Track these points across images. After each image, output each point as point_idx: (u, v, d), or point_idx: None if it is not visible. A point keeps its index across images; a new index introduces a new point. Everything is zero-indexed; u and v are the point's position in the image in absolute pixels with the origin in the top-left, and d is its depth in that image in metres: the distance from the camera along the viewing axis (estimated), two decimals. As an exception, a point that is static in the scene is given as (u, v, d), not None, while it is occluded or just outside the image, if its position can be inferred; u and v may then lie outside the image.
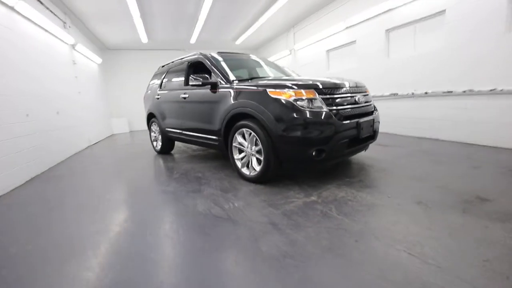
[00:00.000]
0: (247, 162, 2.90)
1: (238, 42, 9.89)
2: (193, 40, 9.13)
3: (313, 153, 2.41)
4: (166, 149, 4.89)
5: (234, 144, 2.98)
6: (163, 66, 5.00)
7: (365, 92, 2.95)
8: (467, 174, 2.70)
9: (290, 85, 2.51)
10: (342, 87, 2.65)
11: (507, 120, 3.46)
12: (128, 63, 10.23)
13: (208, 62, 3.45)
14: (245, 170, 2.92)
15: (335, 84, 2.63)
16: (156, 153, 5.09)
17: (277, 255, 1.51)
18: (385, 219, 1.87)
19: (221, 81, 3.16)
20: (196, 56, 3.80)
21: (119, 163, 4.40)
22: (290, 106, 2.42)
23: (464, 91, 3.90)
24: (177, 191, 2.74)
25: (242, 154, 2.94)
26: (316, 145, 2.39)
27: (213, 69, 3.31)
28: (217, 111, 3.13)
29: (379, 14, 5.20)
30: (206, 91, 3.31)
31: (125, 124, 10.37)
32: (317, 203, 2.21)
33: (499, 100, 3.53)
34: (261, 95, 2.61)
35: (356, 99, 2.71)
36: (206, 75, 3.21)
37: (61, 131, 5.01)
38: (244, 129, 2.79)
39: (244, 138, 2.87)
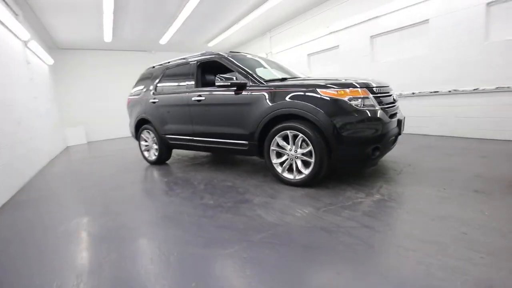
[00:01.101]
0: (288, 166, 2.76)
1: (211, 44, 9.58)
2: (164, 40, 8.50)
3: (370, 152, 2.41)
4: (163, 159, 4.38)
5: (272, 147, 2.81)
6: (154, 67, 4.51)
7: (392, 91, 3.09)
8: (484, 163, 3.03)
9: (342, 84, 2.48)
10: (384, 87, 2.73)
11: (489, 115, 4.02)
12: (85, 64, 8.99)
13: (230, 63, 3.20)
14: (287, 175, 2.77)
15: (379, 83, 2.69)
16: (148, 164, 4.52)
17: (413, 259, 1.43)
18: (466, 209, 1.94)
19: (251, 82, 2.96)
20: (209, 56, 3.51)
21: (110, 179, 3.76)
22: (346, 106, 2.38)
23: (450, 91, 4.42)
24: (222, 203, 2.45)
25: (283, 158, 2.78)
26: (373, 143, 2.40)
27: (239, 70, 3.08)
28: (249, 113, 2.91)
29: (364, 21, 5.59)
30: (230, 93, 3.08)
31: (82, 134, 9.07)
32: (386, 201, 2.20)
33: (481, 98, 4.09)
34: (311, 94, 2.51)
35: (394, 98, 2.82)
36: (233, 76, 2.98)
37: (23, 145, 4.09)
38: (288, 131, 2.65)
39: (286, 141, 2.73)
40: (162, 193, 2.92)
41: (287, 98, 2.66)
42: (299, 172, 2.69)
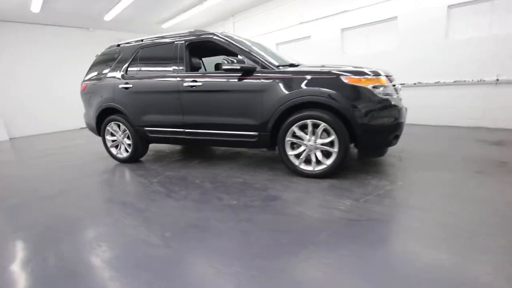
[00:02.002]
0: (305, 157, 2.63)
1: (165, 26, 8.61)
2: (109, 16, 7.23)
3: (392, 139, 2.46)
4: (138, 155, 3.73)
5: (287, 138, 2.63)
6: (119, 46, 3.75)
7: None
8: (460, 146, 3.45)
9: (363, 71, 2.43)
10: (392, 75, 2.80)
11: (448, 104, 4.63)
12: (3, 40, 7.02)
13: (233, 44, 2.84)
14: (304, 167, 2.64)
15: (386, 72, 2.73)
16: (117, 162, 3.80)
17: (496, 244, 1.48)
18: (483, 189, 2.14)
19: (261, 67, 2.69)
20: (202, 36, 3.05)
21: (75, 184, 3.01)
22: (371, 94, 2.35)
23: (415, 83, 4.92)
24: (249, 203, 2.17)
25: (301, 149, 2.63)
26: (395, 131, 2.45)
27: (246, 53, 2.75)
28: (261, 102, 2.65)
29: (335, 14, 5.74)
30: (233, 78, 2.75)
31: (1, 128, 7.18)
32: (412, 187, 2.30)
33: (442, 90, 4.67)
34: (335, 82, 2.40)
35: (399, 87, 2.93)
36: (242, 59, 2.66)
37: None
38: (308, 121, 2.50)
39: (303, 131, 2.58)
40: (164, 197, 2.45)
41: (303, 85, 2.49)
42: (318, 163, 2.59)
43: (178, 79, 3.07)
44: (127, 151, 3.72)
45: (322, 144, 2.52)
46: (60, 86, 7.96)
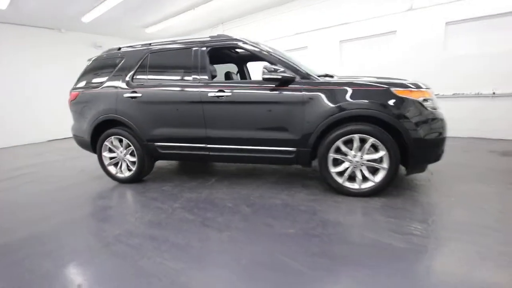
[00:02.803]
0: (348, 174, 2.45)
1: (149, 31, 8.09)
2: (88, 18, 6.56)
3: (441, 153, 2.39)
4: (143, 174, 3.26)
5: (330, 154, 2.43)
6: (119, 49, 3.30)
7: None
8: (476, 158, 3.54)
9: (408, 84, 2.35)
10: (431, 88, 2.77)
11: (448, 116, 4.80)
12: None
13: (265, 51, 2.62)
14: (349, 184, 2.45)
15: (427, 85, 2.69)
16: (116, 183, 3.29)
17: None
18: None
19: (299, 77, 2.48)
20: (226, 42, 2.79)
21: (69, 211, 2.50)
22: (421, 107, 2.27)
23: (415, 95, 5.07)
24: (307, 231, 1.91)
25: (344, 166, 2.44)
26: (443, 144, 2.39)
27: (282, 62, 2.54)
28: (302, 114, 2.43)
29: (334, 26, 5.79)
30: (266, 90, 2.53)
31: None
32: (465, 202, 2.22)
33: (441, 103, 4.78)
34: (385, 94, 2.27)
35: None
36: (281, 68, 2.42)
37: None
38: (356, 135, 2.33)
39: (346, 146, 2.40)
40: (199, 226, 2.08)
41: (349, 98, 2.33)
42: (364, 180, 2.42)
43: (201, 88, 2.73)
44: (129, 169, 3.23)
45: (370, 160, 2.36)
46: (21, 92, 6.99)
